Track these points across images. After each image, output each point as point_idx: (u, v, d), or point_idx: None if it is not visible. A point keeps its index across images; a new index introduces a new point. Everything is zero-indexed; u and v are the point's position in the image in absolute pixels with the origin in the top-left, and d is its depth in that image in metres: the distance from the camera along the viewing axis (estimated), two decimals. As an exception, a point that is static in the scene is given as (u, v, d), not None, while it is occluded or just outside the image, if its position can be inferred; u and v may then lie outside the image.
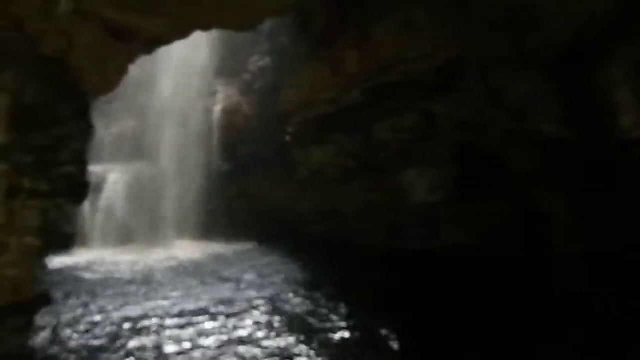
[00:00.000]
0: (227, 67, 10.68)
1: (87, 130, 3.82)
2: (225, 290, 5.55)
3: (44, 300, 3.57)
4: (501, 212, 6.23)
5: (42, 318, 4.20)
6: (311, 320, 4.46)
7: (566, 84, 5.26)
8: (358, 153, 7.52)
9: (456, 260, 5.78)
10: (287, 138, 8.46)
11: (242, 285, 5.83)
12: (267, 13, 5.36)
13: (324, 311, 4.72)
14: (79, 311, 4.81)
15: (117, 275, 6.67)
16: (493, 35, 5.65)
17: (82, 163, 3.70)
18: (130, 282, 6.24)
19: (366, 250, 7.25)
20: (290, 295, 5.33)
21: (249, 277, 6.30)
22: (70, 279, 6.31)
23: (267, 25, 8.41)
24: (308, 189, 8.62)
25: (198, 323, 4.42)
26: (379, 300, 5.08)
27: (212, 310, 4.80)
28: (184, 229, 9.58)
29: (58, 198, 3.40)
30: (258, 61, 9.84)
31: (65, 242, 3.66)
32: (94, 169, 4.24)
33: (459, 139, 6.46)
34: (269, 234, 9.07)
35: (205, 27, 5.31)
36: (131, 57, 4.67)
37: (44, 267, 3.58)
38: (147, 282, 6.21)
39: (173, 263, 7.55)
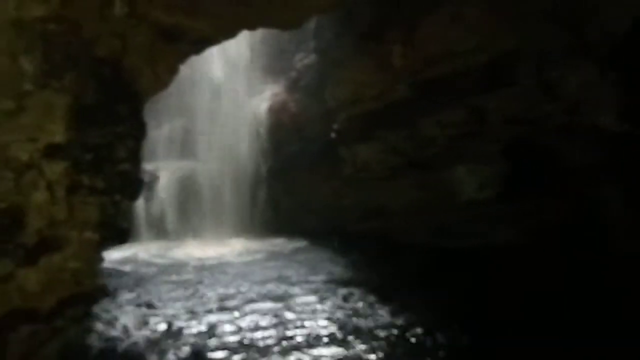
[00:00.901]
0: (273, 65, 10.79)
1: (140, 129, 3.96)
2: (276, 288, 5.54)
3: (102, 292, 3.74)
4: (555, 211, 5.99)
5: (100, 309, 4.43)
6: (363, 319, 4.38)
7: (624, 75, 5.01)
8: (404, 150, 7.42)
9: (507, 260, 5.60)
10: (333, 135, 8.47)
11: (292, 282, 5.80)
12: (313, 10, 5.37)
13: (374, 310, 4.64)
14: (134, 302, 5.02)
15: (170, 270, 6.89)
16: (547, 27, 5.45)
17: (136, 161, 3.84)
18: (182, 276, 6.43)
19: (412, 248, 7.15)
20: (343, 293, 5.25)
21: (298, 274, 6.29)
22: (125, 272, 6.58)
23: (312, 22, 8.43)
24: (353, 186, 8.61)
25: (250, 323, 4.41)
26: (430, 299, 4.92)
27: (264, 309, 4.78)
28: (232, 225, 9.78)
29: (115, 194, 3.55)
30: (304, 59, 9.88)
31: (121, 236, 3.81)
32: (147, 166, 4.39)
33: (510, 134, 6.26)
34: (315, 231, 9.11)
35: (252, 27, 5.38)
36: (181, 57, 4.80)
37: (101, 260, 3.73)
38: (196, 277, 6.37)
39: (222, 259, 7.71)
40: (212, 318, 4.45)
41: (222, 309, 4.75)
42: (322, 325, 4.19)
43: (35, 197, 2.99)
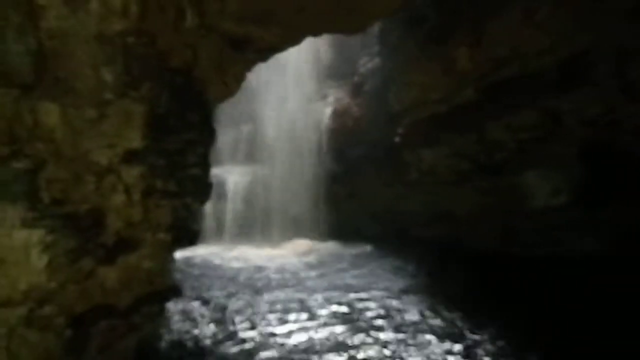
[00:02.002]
0: (337, 69, 10.85)
1: (210, 135, 4.11)
2: (337, 293, 5.53)
3: (175, 290, 3.90)
4: (638, 218, 5.59)
5: (173, 307, 4.63)
6: (429, 329, 4.29)
7: None
8: (472, 154, 7.20)
9: (587, 271, 5.26)
10: (397, 139, 8.37)
11: (354, 288, 5.76)
12: (378, 14, 5.33)
13: (440, 320, 4.52)
14: (203, 302, 5.20)
15: (238, 272, 7.08)
16: (627, 26, 5.11)
17: (206, 165, 3.99)
18: (248, 278, 6.60)
19: (480, 254, 6.92)
20: (405, 300, 5.17)
21: (360, 280, 6.23)
22: (195, 272, 6.84)
23: (376, 26, 8.40)
24: (419, 190, 8.46)
25: (306, 327, 4.44)
26: (498, 309, 4.77)
27: (323, 314, 4.80)
28: (296, 228, 9.90)
29: (186, 198, 3.70)
30: (367, 62, 9.86)
31: (191, 238, 3.96)
32: (215, 171, 4.55)
33: (587, 137, 5.90)
34: (378, 236, 9.04)
35: (317, 33, 5.44)
36: (248, 65, 4.93)
37: (173, 260, 3.90)
38: (260, 278, 6.51)
39: (286, 263, 7.82)
40: (277, 326, 4.48)
41: (286, 315, 4.77)
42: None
43: (114, 200, 3.18)
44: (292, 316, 4.67)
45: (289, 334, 4.22)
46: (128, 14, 3.11)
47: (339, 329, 4.31)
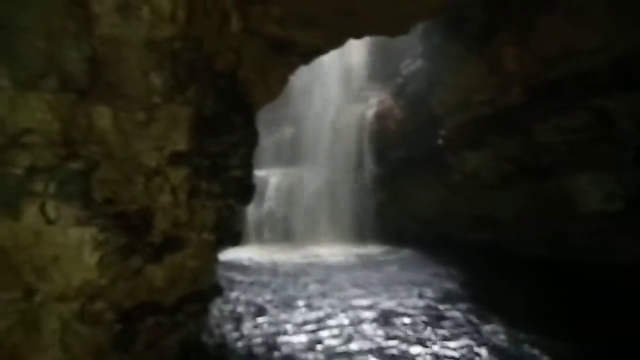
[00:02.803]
0: (379, 71, 10.81)
1: (253, 138, 4.18)
2: (378, 298, 5.47)
3: (217, 290, 3.98)
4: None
5: (216, 306, 4.72)
6: (472, 340, 4.13)
7: None
8: (518, 156, 7.01)
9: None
10: (440, 141, 8.25)
11: (395, 294, 5.69)
12: (421, 16, 5.28)
13: (485, 329, 4.37)
14: (245, 301, 5.28)
15: (277, 272, 7.15)
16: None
17: (249, 167, 4.06)
18: (289, 279, 6.65)
19: (527, 260, 6.72)
20: (450, 308, 5.03)
21: (403, 285, 6.13)
22: (238, 272, 6.95)
23: (419, 27, 8.31)
24: (462, 194, 8.31)
25: (344, 331, 4.40)
26: (545, 318, 4.55)
27: (363, 317, 4.76)
28: (337, 230, 9.91)
29: (229, 199, 3.78)
30: (410, 64, 9.76)
31: (234, 239, 4.03)
32: (257, 173, 4.62)
33: (644, 141, 5.62)
34: (420, 239, 8.93)
35: (359, 36, 5.44)
36: (291, 68, 4.99)
37: (216, 260, 3.98)
38: (301, 280, 6.54)
39: (327, 265, 7.82)
40: (318, 331, 4.44)
41: (326, 319, 4.75)
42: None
43: (161, 200, 3.28)
44: (332, 320, 4.66)
45: (328, 337, 4.21)
46: (176, 20, 3.21)
47: (382, 334, 4.25)
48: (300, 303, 5.25)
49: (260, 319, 4.67)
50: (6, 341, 2.54)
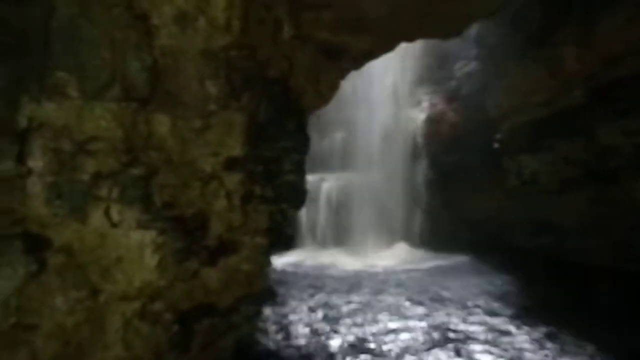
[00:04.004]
0: (431, 75, 10.64)
1: (305, 143, 4.22)
2: (435, 306, 5.35)
3: (270, 293, 4.04)
4: None
5: (269, 308, 4.79)
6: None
7: None
8: (579, 160, 6.68)
9: None
10: (496, 145, 8.01)
11: (452, 302, 5.55)
12: (475, 17, 5.16)
13: (550, 347, 4.12)
14: (299, 305, 5.32)
15: (330, 277, 7.16)
16: None
17: (301, 172, 4.10)
18: (341, 283, 6.64)
19: (587, 269, 6.38)
20: (508, 320, 4.79)
21: (458, 293, 5.96)
22: (290, 276, 7.01)
23: (474, 28, 8.13)
24: (519, 199, 8.02)
25: (399, 339, 4.31)
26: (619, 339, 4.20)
27: (419, 328, 4.64)
28: (390, 236, 9.82)
29: (282, 203, 3.83)
30: (464, 66, 9.55)
31: (287, 243, 4.08)
32: (309, 177, 4.65)
33: None
34: (475, 245, 8.70)
35: (411, 39, 5.37)
36: (342, 74, 5.00)
37: (270, 264, 4.04)
38: (356, 285, 6.51)
39: (381, 271, 7.76)
40: (370, 334, 4.41)
41: (380, 325, 4.70)
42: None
43: (217, 205, 3.37)
44: (384, 326, 4.62)
45: (382, 342, 4.17)
46: (231, 29, 3.30)
47: (437, 343, 4.15)
48: (353, 308, 5.23)
49: (312, 323, 4.69)
50: (73, 338, 2.68)
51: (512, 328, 4.53)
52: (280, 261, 7.62)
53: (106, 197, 2.77)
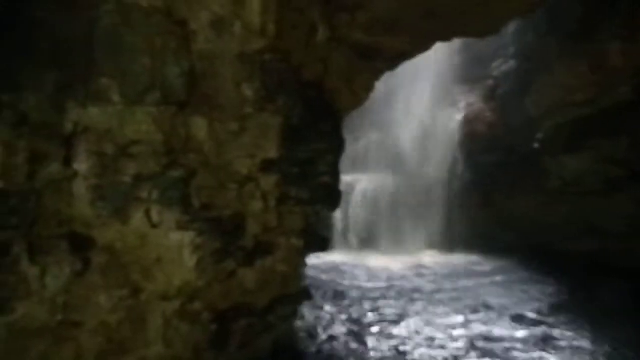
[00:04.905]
0: (468, 74, 10.45)
1: (340, 144, 4.22)
2: (474, 311, 5.19)
3: (306, 294, 4.06)
4: None
5: (305, 309, 4.81)
6: None
7: None
8: (625, 160, 6.43)
9: None
10: (536, 145, 7.79)
11: (493, 308, 5.34)
12: (513, 14, 5.04)
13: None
14: (333, 307, 5.32)
15: (364, 279, 7.13)
16: None
17: (336, 174, 4.11)
18: (375, 286, 6.61)
19: (635, 275, 6.10)
20: (554, 331, 4.55)
21: (499, 298, 5.73)
22: (325, 277, 7.03)
23: (512, 26, 7.94)
24: (561, 201, 7.77)
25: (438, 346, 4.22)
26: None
27: (457, 336, 4.50)
28: (424, 237, 9.69)
29: (317, 205, 3.85)
30: (502, 65, 9.34)
31: (322, 244, 4.09)
32: (344, 178, 4.64)
33: None
34: (514, 248, 8.47)
35: (447, 39, 5.30)
36: (377, 74, 4.98)
37: (305, 265, 4.06)
38: (391, 289, 6.46)
39: (415, 272, 7.67)
40: (406, 341, 4.33)
41: (417, 331, 4.60)
42: None
43: (253, 206, 3.42)
44: (421, 333, 4.54)
45: (420, 351, 4.09)
46: (266, 33, 3.35)
47: (479, 353, 4.01)
48: (388, 312, 5.19)
49: (347, 326, 4.68)
50: (117, 335, 2.78)
51: (557, 337, 4.35)
52: (316, 262, 7.64)
53: (147, 198, 2.86)
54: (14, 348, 2.46)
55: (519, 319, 4.93)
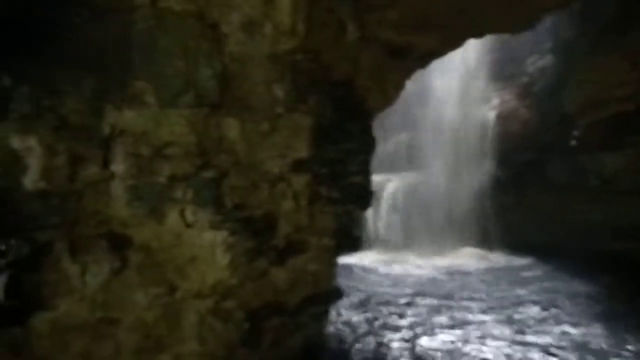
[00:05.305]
0: (501, 70, 10.26)
1: (370, 144, 4.21)
2: (509, 318, 4.93)
3: (337, 293, 4.06)
4: None
5: (335, 309, 4.81)
6: None
7: None
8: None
9: None
10: (573, 143, 7.59)
11: (527, 313, 5.11)
12: (549, 9, 4.92)
13: None
14: (365, 305, 5.31)
15: (396, 279, 7.09)
16: None
17: (367, 173, 4.10)
18: (407, 286, 6.56)
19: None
20: (595, 335, 4.33)
21: (533, 301, 5.54)
22: (357, 277, 7.02)
23: (547, 21, 7.74)
24: (599, 199, 7.55)
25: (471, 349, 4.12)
26: None
27: (492, 336, 4.38)
28: (457, 237, 9.55)
29: (348, 205, 3.85)
30: (537, 61, 9.13)
31: (353, 244, 4.09)
32: (375, 178, 4.62)
33: None
34: (549, 248, 8.27)
35: (479, 35, 5.22)
36: (407, 73, 4.94)
37: (336, 265, 4.06)
38: (423, 288, 6.39)
39: (446, 272, 7.57)
40: (438, 343, 4.25)
41: (450, 332, 4.52)
42: None
43: (284, 206, 3.45)
44: (454, 334, 4.46)
45: (454, 353, 4.02)
46: (296, 33, 3.37)
47: (517, 357, 3.90)
48: (420, 312, 5.14)
49: (379, 326, 4.66)
50: (153, 332, 2.84)
51: (599, 341, 4.17)
52: (346, 262, 7.63)
53: (181, 198, 2.91)
54: (56, 344, 2.55)
55: (555, 322, 4.73)
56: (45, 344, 2.52)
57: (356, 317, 4.93)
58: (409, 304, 5.50)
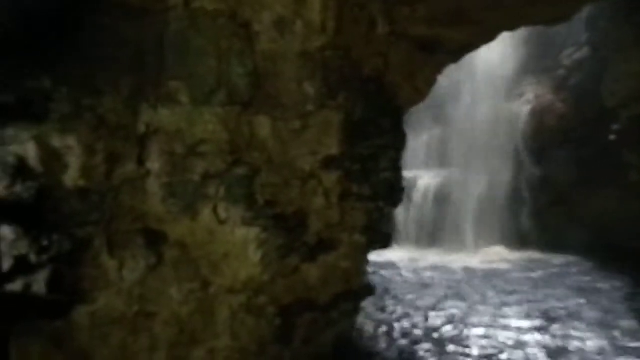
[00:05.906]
0: (536, 64, 10.01)
1: (401, 140, 4.18)
2: (546, 322, 4.69)
3: (368, 290, 4.06)
4: None
5: (367, 306, 4.80)
6: None
7: None
8: None
9: None
10: (612, 137, 7.35)
11: (567, 317, 4.85)
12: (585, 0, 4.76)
13: None
14: (396, 303, 5.28)
15: (426, 276, 7.02)
16: None
17: (397, 170, 4.07)
18: (437, 283, 6.49)
19: None
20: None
21: (573, 304, 5.29)
22: (388, 274, 6.98)
23: (584, 11, 7.50)
24: (640, 196, 7.29)
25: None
26: None
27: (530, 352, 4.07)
28: (491, 235, 9.37)
29: (379, 201, 3.83)
30: (573, 54, 8.87)
31: (384, 241, 4.07)
32: (406, 174, 4.57)
33: None
34: (586, 247, 8.03)
35: (513, 28, 5.09)
36: (438, 68, 4.87)
37: (367, 262, 4.05)
38: (455, 287, 6.30)
39: (477, 270, 7.44)
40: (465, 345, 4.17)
41: (475, 334, 4.42)
42: None
43: (315, 203, 3.46)
44: (488, 338, 4.33)
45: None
46: (326, 30, 3.37)
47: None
48: (452, 313, 5.06)
49: (409, 325, 4.63)
50: (188, 326, 2.90)
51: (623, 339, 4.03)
52: (377, 259, 7.59)
53: (214, 195, 2.96)
54: (96, 337, 2.63)
55: (596, 327, 4.45)
56: (85, 337, 2.61)
57: (385, 316, 4.91)
58: (439, 303, 5.43)
